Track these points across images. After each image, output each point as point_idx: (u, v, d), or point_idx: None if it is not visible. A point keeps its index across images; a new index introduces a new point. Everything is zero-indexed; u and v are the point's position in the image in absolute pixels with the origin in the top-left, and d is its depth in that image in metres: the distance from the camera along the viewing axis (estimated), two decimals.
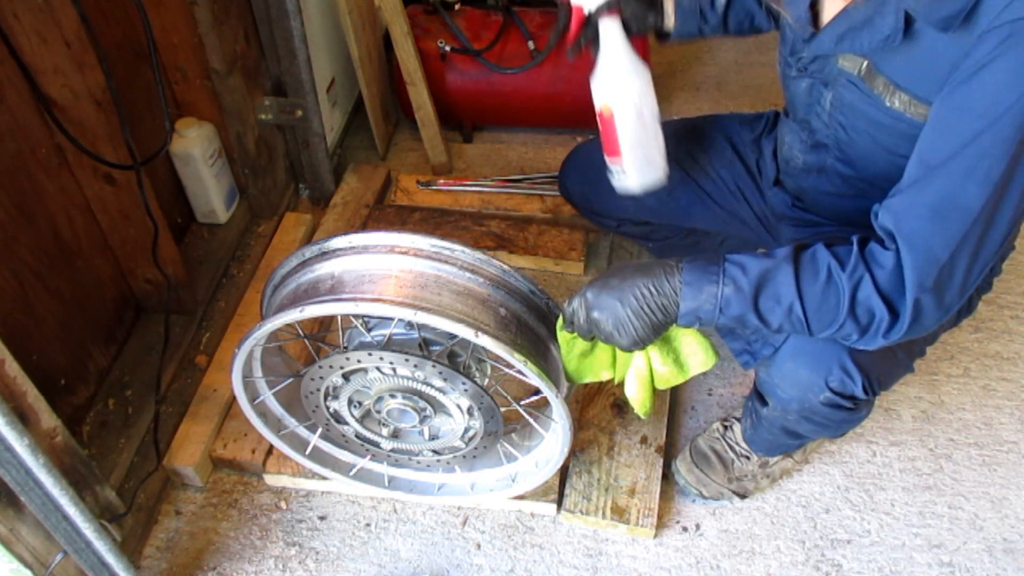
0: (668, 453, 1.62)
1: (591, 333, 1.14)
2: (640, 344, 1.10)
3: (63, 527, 1.13)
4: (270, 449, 1.60)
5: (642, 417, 1.27)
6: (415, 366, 1.25)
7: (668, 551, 1.53)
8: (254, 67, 1.86)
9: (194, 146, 1.78)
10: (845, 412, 1.23)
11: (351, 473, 1.54)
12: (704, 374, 1.78)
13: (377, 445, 1.46)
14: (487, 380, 1.34)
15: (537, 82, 2.23)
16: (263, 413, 1.46)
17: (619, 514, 1.52)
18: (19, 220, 1.37)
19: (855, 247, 0.99)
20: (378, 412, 1.37)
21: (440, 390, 1.30)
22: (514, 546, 1.53)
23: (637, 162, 1.33)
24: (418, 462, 1.49)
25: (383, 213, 2.08)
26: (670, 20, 1.39)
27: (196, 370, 1.73)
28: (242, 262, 1.94)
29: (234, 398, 1.67)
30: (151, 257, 1.55)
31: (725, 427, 1.59)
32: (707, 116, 1.61)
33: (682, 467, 1.57)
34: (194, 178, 1.85)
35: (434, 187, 2.18)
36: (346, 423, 1.42)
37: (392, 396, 1.33)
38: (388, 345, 1.25)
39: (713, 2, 1.38)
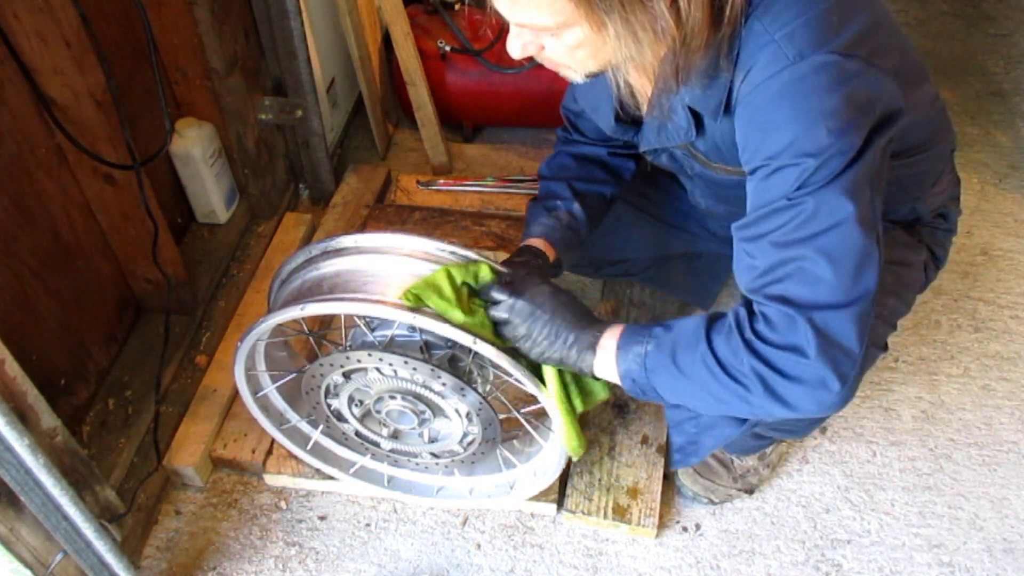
0: (669, 453, 1.62)
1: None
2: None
3: (63, 527, 1.13)
4: (270, 449, 1.60)
5: (574, 459, 1.28)
6: (414, 369, 1.25)
7: (668, 551, 1.53)
8: (254, 67, 1.86)
9: (194, 146, 1.78)
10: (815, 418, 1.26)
11: (351, 471, 1.54)
12: None
13: (377, 445, 1.46)
14: (488, 386, 1.34)
15: (537, 82, 2.22)
16: (265, 407, 1.46)
17: (620, 514, 1.52)
18: (19, 220, 1.37)
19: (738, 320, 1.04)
20: (378, 412, 1.37)
21: (439, 394, 1.30)
22: (514, 546, 1.53)
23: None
24: (417, 464, 1.49)
25: (383, 213, 2.08)
26: (558, 263, 1.41)
27: (196, 370, 1.73)
28: (242, 262, 1.94)
29: (234, 398, 1.68)
30: (151, 257, 1.55)
31: None
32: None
33: (687, 480, 1.57)
34: (194, 178, 1.85)
35: (434, 187, 2.18)
36: (346, 421, 1.42)
37: (392, 397, 1.33)
38: (389, 346, 1.25)
39: (571, 212, 1.40)
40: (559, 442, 1.27)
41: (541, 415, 1.38)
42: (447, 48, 2.20)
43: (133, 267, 1.67)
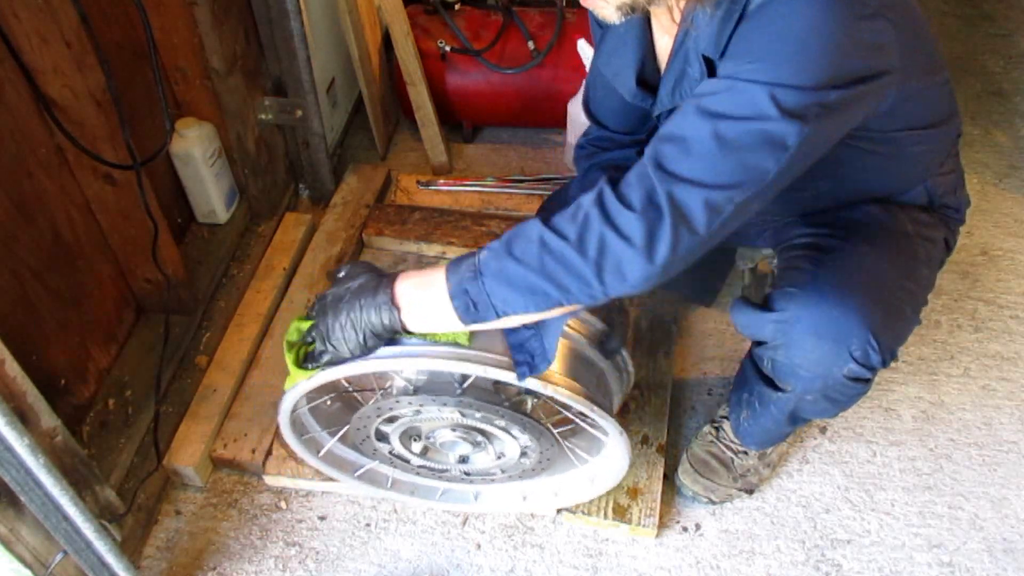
0: (669, 453, 1.62)
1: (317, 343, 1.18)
2: (359, 353, 1.15)
3: (63, 527, 1.13)
4: (270, 449, 1.60)
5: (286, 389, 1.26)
6: (447, 406, 1.24)
7: (668, 551, 1.53)
8: (254, 67, 1.86)
9: (194, 146, 1.78)
10: (861, 384, 1.24)
11: (388, 486, 1.54)
12: (705, 373, 1.79)
13: (447, 471, 1.46)
14: (536, 401, 1.31)
15: (537, 82, 2.23)
16: (338, 463, 1.48)
17: (621, 514, 1.52)
18: (19, 220, 1.37)
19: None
20: (431, 442, 1.37)
21: (485, 420, 1.29)
22: (514, 546, 1.53)
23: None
24: (493, 480, 1.48)
25: (383, 213, 2.08)
26: None
27: (196, 370, 1.73)
28: (242, 262, 1.94)
29: (235, 397, 1.68)
30: (151, 257, 1.55)
31: (716, 428, 1.59)
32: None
33: (687, 479, 1.57)
34: (194, 178, 1.85)
35: (434, 187, 2.18)
36: (407, 460, 1.42)
37: (442, 431, 1.33)
38: (430, 388, 1.24)
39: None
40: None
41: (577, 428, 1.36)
42: (447, 48, 2.20)
43: (133, 267, 1.67)
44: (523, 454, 1.37)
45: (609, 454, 1.41)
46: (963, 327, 1.89)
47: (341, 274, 1.20)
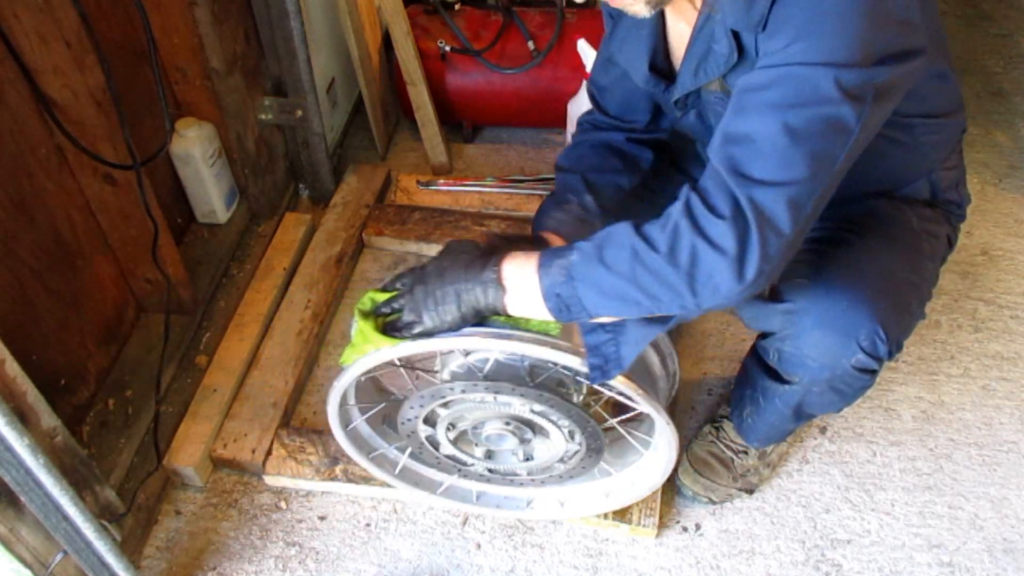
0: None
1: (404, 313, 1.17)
2: (455, 327, 1.14)
3: (63, 527, 1.13)
4: (270, 449, 1.60)
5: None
6: (520, 395, 1.22)
7: (668, 551, 1.53)
8: (254, 67, 1.86)
9: (194, 146, 1.78)
10: (868, 376, 1.25)
11: (440, 491, 1.52)
12: (705, 373, 1.79)
13: (469, 465, 1.43)
14: (582, 397, 1.29)
15: (537, 82, 2.22)
16: (355, 439, 1.44)
17: (620, 514, 1.51)
18: (19, 220, 1.37)
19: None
20: (476, 435, 1.34)
21: (542, 415, 1.26)
22: (514, 546, 1.53)
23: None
24: (511, 480, 1.46)
25: (383, 213, 2.08)
26: None
27: (196, 370, 1.73)
28: (242, 262, 1.94)
29: (235, 397, 1.68)
30: (151, 257, 1.55)
31: (716, 428, 1.59)
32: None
33: (686, 479, 1.57)
34: (194, 178, 1.85)
35: (434, 187, 2.18)
36: (439, 446, 1.39)
37: (493, 421, 1.30)
38: (490, 374, 1.22)
39: (583, 204, 1.36)
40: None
41: (634, 420, 1.34)
42: (447, 48, 2.20)
43: (133, 267, 1.67)
44: (561, 460, 1.35)
45: (652, 459, 1.38)
46: (963, 327, 1.89)
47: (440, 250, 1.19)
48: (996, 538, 1.55)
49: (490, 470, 1.43)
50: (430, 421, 1.33)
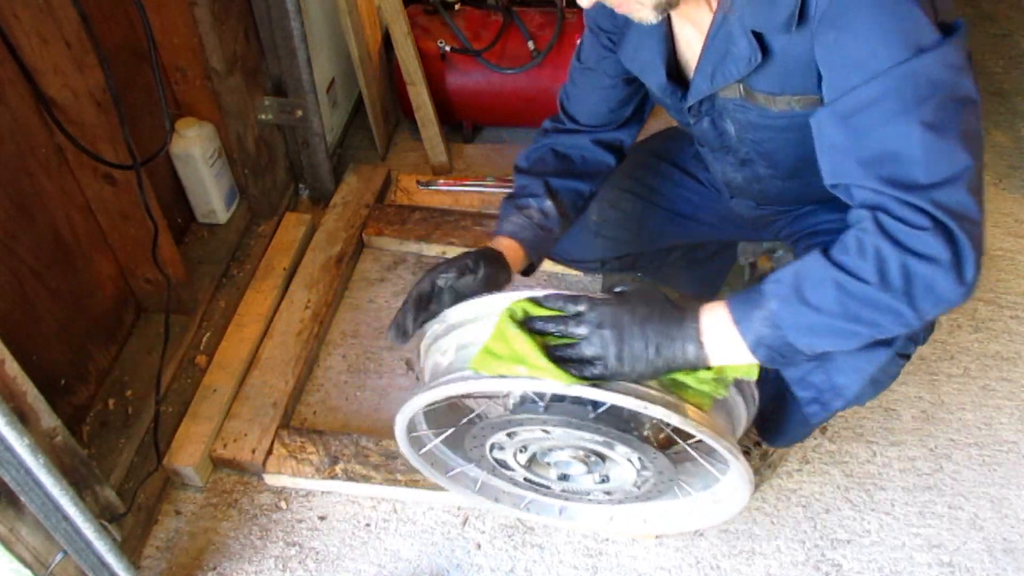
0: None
1: (588, 354, 1.07)
2: (644, 378, 1.07)
3: (63, 527, 1.13)
4: (270, 449, 1.60)
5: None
6: (577, 428, 1.15)
7: (668, 551, 1.53)
8: (254, 67, 1.86)
9: (194, 146, 1.78)
10: (904, 361, 1.26)
11: (523, 505, 1.48)
12: None
13: (547, 487, 1.38)
14: (650, 429, 1.22)
15: (537, 82, 2.22)
16: (431, 461, 1.41)
17: None
18: (19, 220, 1.37)
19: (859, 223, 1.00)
20: (545, 460, 1.30)
21: (607, 445, 1.21)
22: (514, 546, 1.53)
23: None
24: (589, 499, 1.41)
25: (383, 213, 2.08)
26: (525, 261, 1.34)
27: (196, 370, 1.73)
28: (242, 262, 1.94)
29: (235, 397, 1.68)
30: (151, 257, 1.55)
31: None
32: (641, 144, 1.59)
33: None
34: (194, 178, 1.85)
35: (434, 187, 2.18)
36: (512, 469, 1.34)
37: (560, 450, 1.26)
38: (550, 408, 1.15)
39: (543, 210, 1.35)
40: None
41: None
42: (447, 48, 2.20)
43: (133, 267, 1.67)
44: (635, 484, 1.30)
45: (723, 492, 1.33)
46: (963, 327, 1.89)
47: (621, 289, 1.12)
48: (996, 538, 1.55)
49: (564, 489, 1.37)
50: (497, 447, 1.28)
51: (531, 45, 2.20)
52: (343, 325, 1.91)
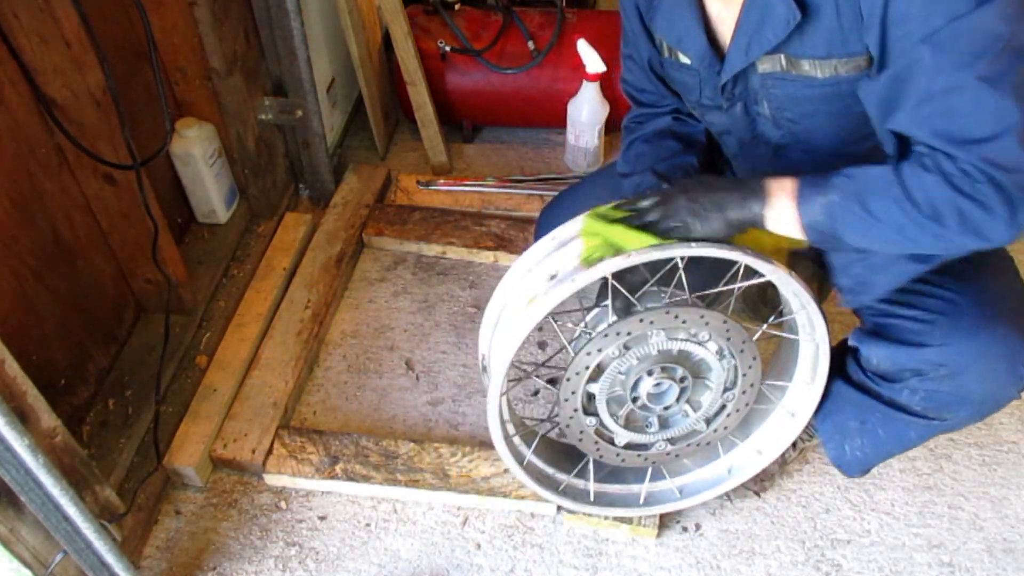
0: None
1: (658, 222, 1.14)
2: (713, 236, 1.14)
3: (63, 527, 1.13)
4: (270, 449, 1.60)
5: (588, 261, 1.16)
6: (676, 316, 1.19)
7: (668, 551, 1.53)
8: (254, 67, 1.86)
9: (194, 146, 1.78)
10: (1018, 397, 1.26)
11: (641, 502, 1.49)
12: None
13: (652, 447, 1.37)
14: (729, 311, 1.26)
15: (537, 82, 2.23)
16: (537, 477, 1.43)
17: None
18: (19, 220, 1.37)
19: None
20: (636, 400, 1.29)
21: (687, 339, 1.23)
22: (514, 546, 1.53)
23: None
24: (696, 443, 1.39)
25: (383, 213, 2.08)
26: None
27: (196, 370, 1.73)
28: (242, 262, 1.94)
29: (235, 397, 1.68)
30: (151, 257, 1.55)
31: None
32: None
33: None
34: (194, 178, 1.85)
35: (434, 187, 2.18)
36: (613, 435, 1.34)
37: (649, 373, 1.25)
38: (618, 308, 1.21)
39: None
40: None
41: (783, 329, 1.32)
42: (447, 48, 2.21)
43: (133, 267, 1.67)
44: (726, 388, 1.30)
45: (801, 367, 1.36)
46: None
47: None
48: (996, 538, 1.55)
49: (670, 440, 1.37)
50: (590, 411, 1.29)
51: (531, 45, 2.20)
52: (343, 325, 1.91)
